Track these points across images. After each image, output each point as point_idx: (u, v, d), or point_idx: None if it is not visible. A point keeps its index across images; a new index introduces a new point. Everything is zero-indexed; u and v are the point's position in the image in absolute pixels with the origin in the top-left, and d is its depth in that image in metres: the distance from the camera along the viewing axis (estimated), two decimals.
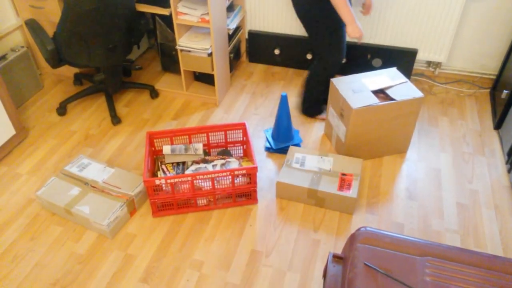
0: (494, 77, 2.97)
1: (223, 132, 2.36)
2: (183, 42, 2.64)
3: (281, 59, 3.22)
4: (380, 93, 2.30)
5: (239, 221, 2.13)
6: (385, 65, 2.98)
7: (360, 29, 2.21)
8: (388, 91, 2.28)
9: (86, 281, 1.88)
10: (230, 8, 2.95)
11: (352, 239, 1.33)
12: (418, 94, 2.25)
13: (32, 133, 2.67)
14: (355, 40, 2.26)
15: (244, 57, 3.32)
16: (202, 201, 2.16)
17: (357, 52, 2.98)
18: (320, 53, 2.43)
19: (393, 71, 2.43)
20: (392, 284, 1.20)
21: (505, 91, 2.53)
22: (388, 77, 2.38)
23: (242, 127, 2.34)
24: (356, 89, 2.30)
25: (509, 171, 2.35)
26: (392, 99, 2.23)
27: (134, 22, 2.57)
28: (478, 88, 2.99)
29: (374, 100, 2.21)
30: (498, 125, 2.63)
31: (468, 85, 3.01)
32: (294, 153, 2.32)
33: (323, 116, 2.73)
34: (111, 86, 2.75)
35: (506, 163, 2.40)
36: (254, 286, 1.85)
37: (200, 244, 2.03)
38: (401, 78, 2.37)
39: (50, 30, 2.84)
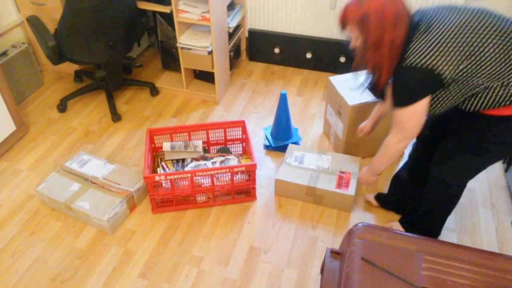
0: None
1: (222, 130, 2.37)
2: (184, 40, 2.66)
3: (281, 58, 3.23)
4: None
5: (238, 218, 2.15)
6: None
7: (373, 180, 1.89)
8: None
9: (85, 276, 1.89)
10: (231, 7, 2.96)
11: (350, 234, 1.35)
12: None
13: (33, 129, 2.68)
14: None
15: (244, 55, 3.33)
16: (201, 198, 2.17)
17: None
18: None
19: None
20: (388, 279, 1.21)
21: None
22: None
23: (241, 124, 2.36)
24: (353, 86, 2.32)
25: (506, 171, 2.37)
26: None
27: (135, 19, 2.58)
28: None
29: (370, 97, 2.23)
30: None
31: None
32: (293, 151, 2.34)
33: None
34: (112, 83, 2.76)
35: (503, 162, 2.42)
36: (252, 282, 1.87)
37: (199, 240, 2.04)
38: None
39: (51, 27, 2.85)
